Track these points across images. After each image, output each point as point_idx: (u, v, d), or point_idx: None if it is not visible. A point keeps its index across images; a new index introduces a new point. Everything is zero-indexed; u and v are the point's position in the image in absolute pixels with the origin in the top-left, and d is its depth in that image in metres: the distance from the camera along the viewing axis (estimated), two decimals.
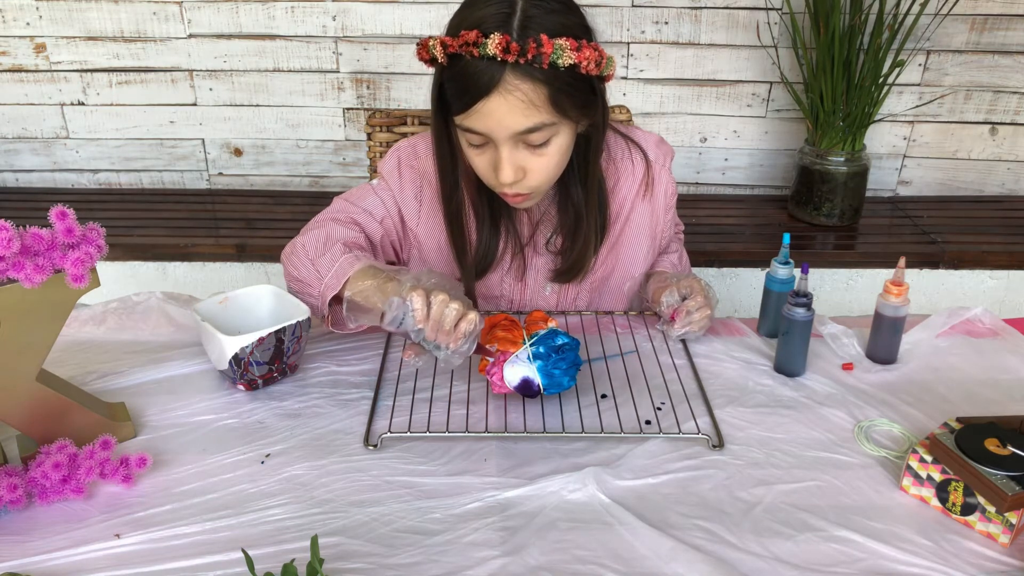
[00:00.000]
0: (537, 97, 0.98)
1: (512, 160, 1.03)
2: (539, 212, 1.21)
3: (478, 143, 1.04)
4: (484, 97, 0.97)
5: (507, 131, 1.00)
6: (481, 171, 1.08)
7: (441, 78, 1.02)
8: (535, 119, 0.99)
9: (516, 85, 0.97)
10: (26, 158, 2.51)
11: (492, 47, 0.94)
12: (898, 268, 1.10)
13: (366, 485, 0.89)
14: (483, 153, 1.05)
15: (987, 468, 0.83)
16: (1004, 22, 2.32)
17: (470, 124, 1.01)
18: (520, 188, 1.06)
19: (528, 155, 1.03)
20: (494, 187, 1.09)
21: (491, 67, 0.96)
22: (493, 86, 0.96)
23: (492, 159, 1.04)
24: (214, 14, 2.33)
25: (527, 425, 0.99)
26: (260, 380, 1.04)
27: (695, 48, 2.37)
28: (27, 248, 0.83)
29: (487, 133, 1.01)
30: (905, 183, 2.55)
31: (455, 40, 0.96)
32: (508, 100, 0.97)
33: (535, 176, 1.05)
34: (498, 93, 0.97)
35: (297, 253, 1.11)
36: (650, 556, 0.80)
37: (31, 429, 0.90)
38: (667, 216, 1.28)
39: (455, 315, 0.92)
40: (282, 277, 1.13)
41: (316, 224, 1.16)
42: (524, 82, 0.97)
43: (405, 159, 1.21)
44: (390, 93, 2.43)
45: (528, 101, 0.97)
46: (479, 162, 1.07)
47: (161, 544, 0.81)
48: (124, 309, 1.23)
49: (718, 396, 1.05)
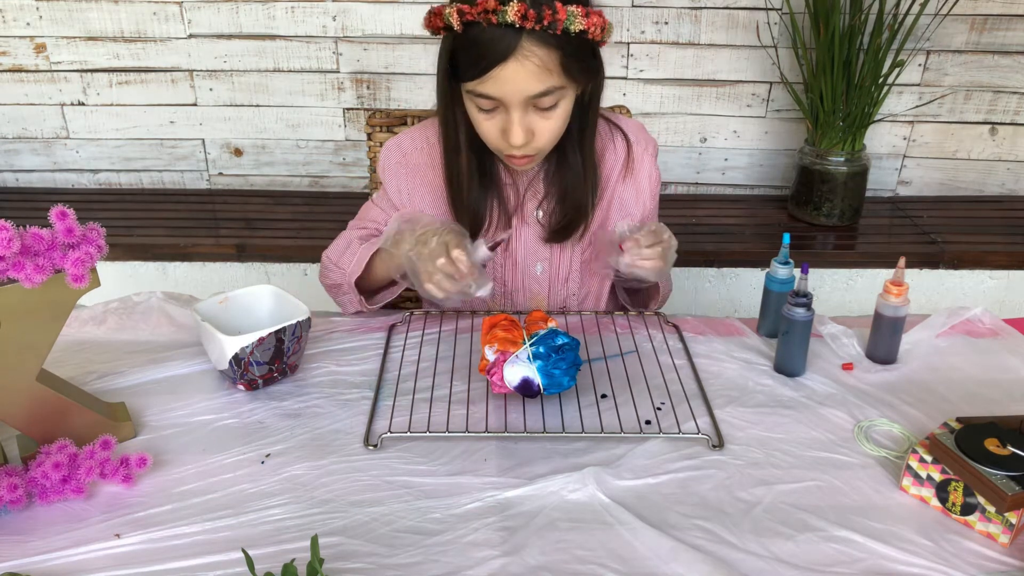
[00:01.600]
0: (551, 62, 1.01)
1: (523, 123, 1.06)
2: (526, 181, 1.23)
3: (488, 107, 1.07)
4: (501, 63, 1.00)
5: (521, 95, 1.03)
6: (489, 135, 1.11)
7: (453, 45, 1.04)
8: (548, 83, 1.03)
9: (532, 51, 1.00)
10: (26, 158, 2.51)
11: (512, 14, 0.97)
12: (898, 268, 1.10)
13: (366, 485, 0.89)
14: (492, 118, 1.08)
15: (987, 468, 0.83)
16: (1004, 22, 2.32)
17: (484, 89, 1.04)
18: (528, 150, 1.10)
19: (537, 118, 1.07)
20: (500, 150, 1.12)
21: (508, 34, 0.99)
22: (510, 52, 1.00)
23: (501, 123, 1.08)
24: (214, 14, 2.33)
25: (527, 425, 0.99)
26: (260, 380, 1.04)
27: (695, 48, 2.37)
28: (27, 248, 0.83)
29: (500, 98, 1.04)
30: (905, 183, 2.55)
31: (473, 8, 0.98)
32: (524, 66, 1.01)
33: (542, 137, 1.09)
34: (515, 59, 1.00)
35: (326, 265, 1.26)
36: (650, 556, 0.80)
37: (31, 429, 0.90)
38: (652, 203, 1.29)
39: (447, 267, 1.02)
40: (282, 277, 1.15)
41: (336, 241, 1.29)
42: (539, 48, 1.00)
43: (392, 158, 1.26)
44: (390, 93, 2.43)
45: (542, 66, 1.01)
46: (488, 127, 1.10)
47: (161, 544, 0.81)
48: (124, 309, 1.23)
49: (718, 396, 1.05)
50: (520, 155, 1.11)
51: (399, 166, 1.25)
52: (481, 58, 1.01)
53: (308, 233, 2.29)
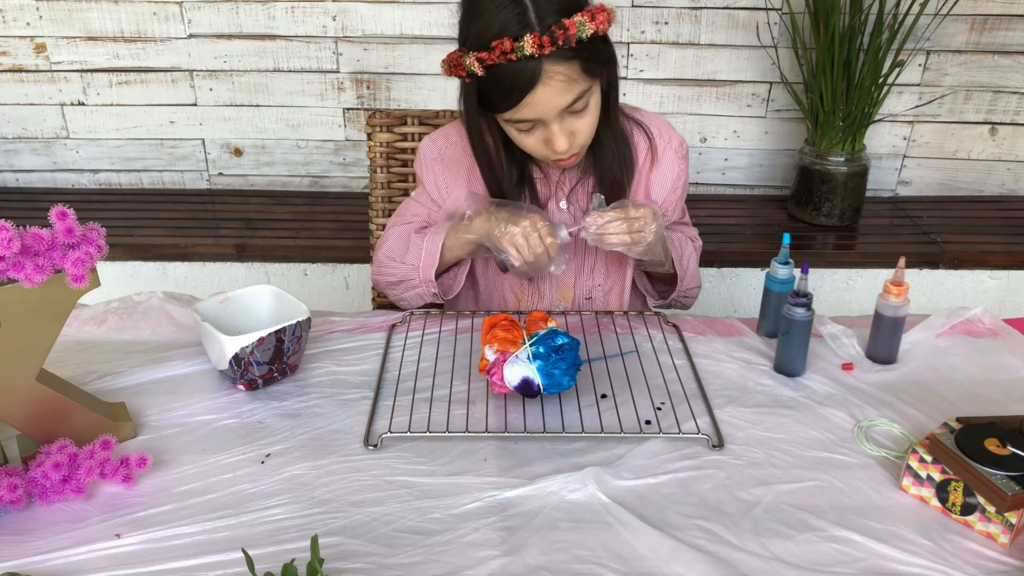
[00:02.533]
0: (573, 72, 1.06)
1: (563, 131, 1.12)
2: (557, 174, 1.27)
3: (527, 128, 1.13)
4: (530, 91, 1.05)
5: (555, 110, 1.08)
6: (533, 148, 1.16)
7: (479, 86, 1.09)
8: (576, 91, 1.08)
9: (555, 71, 1.05)
10: (26, 158, 2.51)
11: (529, 48, 1.01)
12: (898, 268, 1.10)
13: (366, 485, 0.89)
14: (532, 133, 1.14)
15: (987, 468, 0.83)
16: (1004, 22, 2.32)
17: (520, 116, 1.09)
18: (571, 150, 1.15)
19: (573, 120, 1.12)
20: (545, 158, 1.17)
21: (529, 64, 1.03)
22: (536, 79, 1.04)
23: (542, 136, 1.13)
24: (214, 14, 2.33)
25: (527, 425, 0.99)
26: (260, 380, 1.04)
27: (695, 48, 2.37)
28: (27, 248, 0.83)
29: (537, 118, 1.10)
30: (905, 183, 2.55)
31: (491, 53, 1.03)
32: (552, 85, 1.05)
33: (582, 135, 1.14)
34: (542, 83, 1.05)
35: (384, 264, 1.29)
36: (650, 556, 0.80)
37: (31, 429, 0.90)
38: (675, 199, 1.32)
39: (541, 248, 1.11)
40: (282, 277, 1.15)
41: (385, 239, 1.31)
42: (560, 65, 1.05)
43: (429, 154, 1.30)
44: (390, 93, 2.43)
45: (567, 79, 1.06)
46: (530, 142, 1.15)
47: (161, 544, 0.81)
48: (124, 309, 1.23)
49: (718, 396, 1.05)
50: (566, 156, 1.16)
51: (435, 161, 1.29)
52: (510, 91, 1.06)
53: (308, 233, 2.29)
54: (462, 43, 1.09)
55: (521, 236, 1.11)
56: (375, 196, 1.51)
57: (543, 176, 1.27)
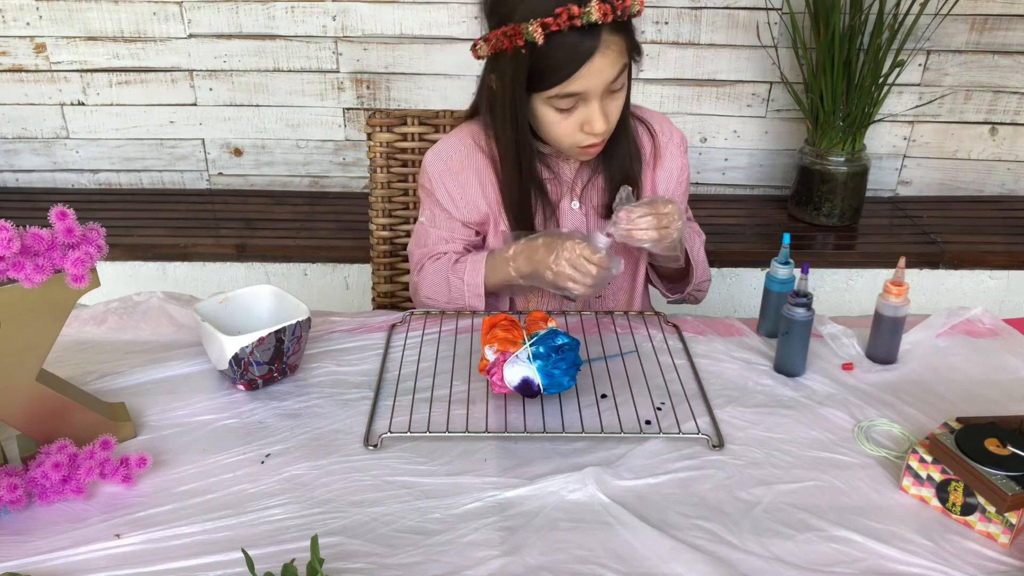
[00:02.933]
0: (622, 46, 1.10)
1: (602, 109, 1.13)
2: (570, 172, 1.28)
3: (568, 106, 1.13)
4: (588, 60, 1.07)
5: (603, 84, 1.10)
6: (565, 134, 1.16)
7: (531, 59, 1.09)
8: (620, 65, 1.11)
9: (611, 40, 1.08)
10: (26, 158, 2.50)
11: (595, 14, 1.04)
12: (898, 268, 1.10)
13: (366, 485, 0.89)
14: (569, 116, 1.14)
15: (987, 468, 0.83)
16: (1004, 22, 2.32)
17: (571, 89, 1.10)
18: (604, 134, 1.16)
19: (609, 101, 1.14)
20: (576, 144, 1.17)
21: (590, 32, 1.06)
22: (595, 49, 1.07)
23: (580, 118, 1.14)
24: (214, 14, 2.33)
25: (527, 425, 0.99)
26: (260, 380, 1.04)
27: (695, 48, 2.37)
28: (27, 248, 0.83)
29: (585, 92, 1.11)
30: (905, 183, 2.55)
31: (556, 19, 1.04)
32: (607, 56, 1.08)
33: (613, 117, 1.16)
34: (600, 53, 1.07)
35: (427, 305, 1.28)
36: (650, 556, 0.80)
37: (31, 429, 0.90)
38: (679, 191, 1.33)
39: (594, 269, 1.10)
40: (282, 277, 1.15)
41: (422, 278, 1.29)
42: (614, 35, 1.08)
43: (435, 168, 1.28)
44: (390, 93, 2.43)
45: (618, 52, 1.10)
46: (565, 127, 1.15)
47: (161, 544, 0.81)
48: (124, 309, 1.23)
49: (718, 396, 1.05)
50: (598, 142, 1.17)
51: (444, 174, 1.27)
52: (569, 61, 1.07)
53: (308, 233, 2.29)
54: (505, 19, 1.09)
55: (570, 267, 1.10)
56: (375, 196, 1.51)
57: (553, 176, 1.27)
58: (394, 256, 1.55)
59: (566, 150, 1.21)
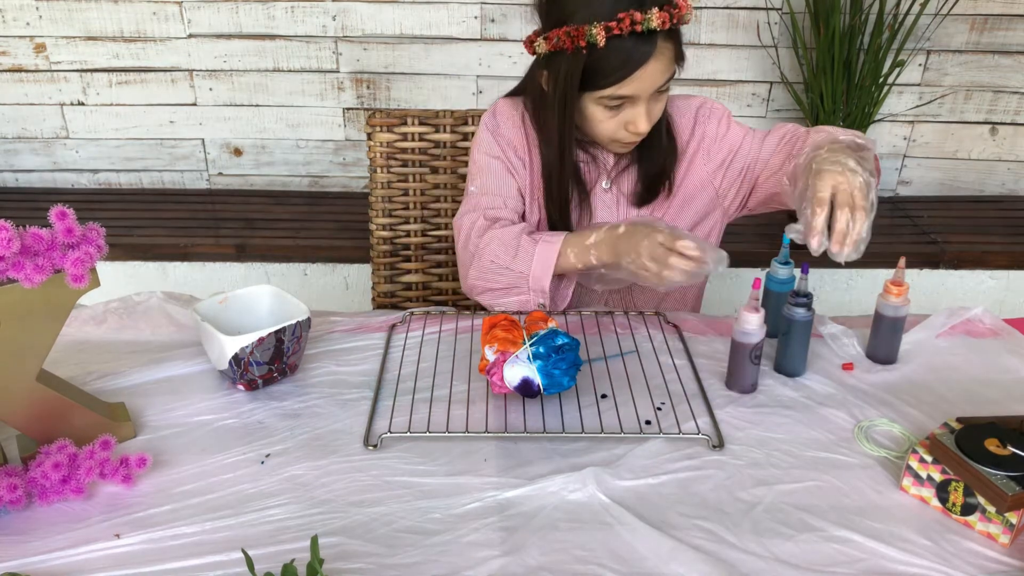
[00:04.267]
0: (673, 52, 1.14)
1: (648, 111, 1.17)
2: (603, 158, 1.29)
3: (616, 105, 1.16)
4: (643, 65, 1.11)
5: (654, 87, 1.14)
6: (609, 131, 1.19)
7: (588, 59, 1.11)
8: (670, 71, 1.15)
9: (666, 47, 1.12)
10: (26, 158, 2.51)
11: (655, 22, 1.08)
12: (898, 268, 1.10)
13: (366, 485, 0.89)
14: (615, 115, 1.17)
15: (987, 468, 0.83)
16: (1004, 22, 2.32)
17: (622, 91, 1.13)
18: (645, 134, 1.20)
19: (654, 103, 1.18)
20: (618, 140, 1.21)
21: (648, 38, 1.10)
22: (651, 54, 1.10)
23: (626, 117, 1.17)
24: (214, 14, 2.33)
25: (527, 425, 0.99)
26: (260, 380, 1.04)
27: (695, 48, 2.37)
28: (27, 248, 0.83)
29: (635, 94, 1.14)
30: (905, 183, 2.55)
31: (619, 23, 1.08)
32: (661, 62, 1.12)
33: (656, 116, 1.20)
34: (654, 58, 1.11)
35: (487, 269, 1.21)
36: (650, 556, 0.80)
37: (31, 429, 0.90)
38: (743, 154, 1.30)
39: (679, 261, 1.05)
40: (282, 277, 1.14)
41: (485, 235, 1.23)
42: (668, 43, 1.12)
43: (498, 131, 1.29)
44: (390, 93, 2.43)
45: (670, 58, 1.14)
46: (610, 125, 1.18)
47: (161, 544, 0.81)
48: (124, 309, 1.23)
49: (718, 396, 1.05)
50: (638, 140, 1.20)
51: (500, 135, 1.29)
52: (625, 64, 1.10)
53: (308, 233, 2.29)
54: (565, 19, 1.11)
55: (647, 258, 1.07)
56: (375, 196, 1.51)
57: (591, 159, 1.29)
58: (394, 256, 1.55)
59: (604, 144, 1.25)
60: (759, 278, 1.06)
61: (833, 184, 1.00)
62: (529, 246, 1.19)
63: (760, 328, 1.02)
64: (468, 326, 1.19)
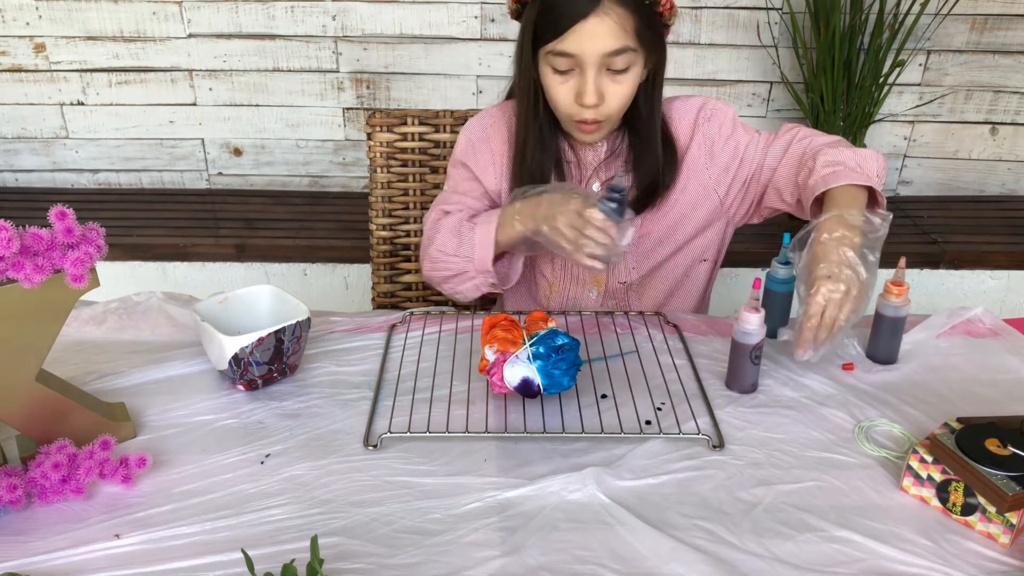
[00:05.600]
0: (627, 23, 1.10)
1: (596, 83, 1.13)
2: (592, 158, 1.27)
3: (565, 68, 1.13)
4: (583, 19, 1.08)
5: (598, 52, 1.10)
6: (562, 101, 1.16)
7: (537, 13, 1.12)
8: (623, 41, 1.10)
9: (612, 8, 1.08)
10: (26, 158, 2.51)
11: None
12: (898, 268, 1.10)
13: (366, 485, 0.89)
14: (566, 81, 1.14)
15: (987, 468, 0.83)
16: (1004, 22, 2.32)
17: (564, 47, 1.11)
18: (597, 114, 1.15)
19: (608, 81, 1.14)
20: (572, 116, 1.17)
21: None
22: (592, 9, 1.08)
23: (575, 87, 1.14)
24: (214, 14, 2.33)
25: (527, 425, 0.99)
26: (260, 380, 1.04)
27: (695, 48, 2.37)
28: (27, 248, 0.83)
29: (579, 54, 1.11)
30: (905, 183, 2.55)
31: None
32: (604, 22, 1.08)
33: (612, 102, 1.15)
34: (595, 15, 1.08)
35: (437, 259, 1.23)
36: (650, 556, 0.80)
37: (31, 429, 0.90)
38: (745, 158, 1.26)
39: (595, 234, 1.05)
40: (282, 277, 1.14)
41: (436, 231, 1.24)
42: (617, 7, 1.09)
43: (475, 137, 1.30)
44: (390, 93, 2.43)
45: (619, 24, 1.09)
46: (561, 91, 1.15)
47: (161, 544, 0.81)
48: (124, 309, 1.23)
49: (718, 396, 1.05)
50: (591, 119, 1.16)
51: (477, 139, 1.29)
52: (564, 15, 1.09)
53: (308, 233, 2.29)
54: None
55: (564, 225, 1.07)
56: (375, 196, 1.51)
57: (576, 160, 1.27)
58: (394, 256, 1.55)
59: (565, 122, 1.20)
60: (759, 278, 1.06)
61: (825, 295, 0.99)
62: (468, 231, 1.20)
63: (760, 328, 1.02)
64: (468, 326, 1.19)
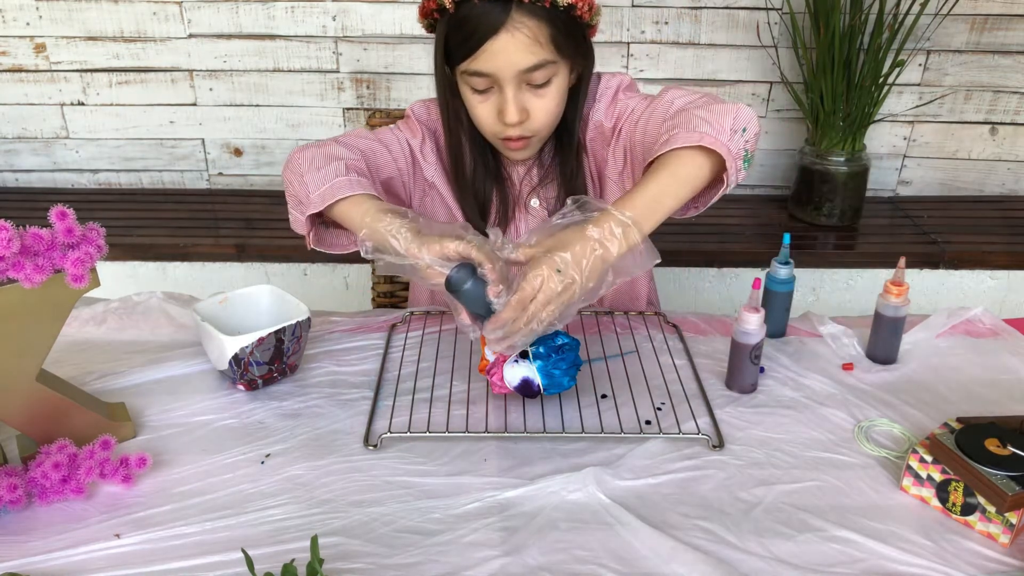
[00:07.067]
0: (541, 34, 1.03)
1: (517, 100, 1.08)
2: (522, 172, 1.24)
3: (483, 87, 1.08)
4: (493, 36, 1.02)
5: (514, 68, 1.04)
6: (485, 120, 1.12)
7: (446, 29, 1.06)
8: (539, 56, 1.04)
9: (522, 22, 1.02)
10: (26, 158, 2.50)
11: None
12: (898, 268, 1.10)
13: (366, 485, 0.89)
14: (486, 100, 1.10)
15: (987, 468, 0.83)
16: (1004, 22, 2.32)
17: (477, 66, 1.05)
18: (523, 131, 1.11)
19: (531, 96, 1.09)
20: (496, 134, 1.13)
21: (497, 7, 1.01)
22: (501, 24, 1.02)
23: (496, 105, 1.09)
24: (214, 14, 2.33)
25: (527, 425, 0.99)
26: (260, 380, 1.04)
27: (695, 48, 2.37)
28: (27, 248, 0.83)
29: (494, 73, 1.05)
30: (905, 183, 2.55)
31: None
32: (516, 37, 1.02)
33: (538, 117, 1.10)
34: (506, 31, 1.02)
35: (294, 165, 1.08)
36: (650, 556, 0.80)
37: (31, 429, 0.90)
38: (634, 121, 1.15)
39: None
40: (282, 277, 1.14)
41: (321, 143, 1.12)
42: (529, 19, 1.02)
43: (418, 114, 1.24)
44: (390, 93, 2.42)
45: (533, 38, 1.03)
46: (483, 110, 1.11)
47: (161, 544, 0.81)
48: (124, 309, 1.23)
49: (718, 396, 1.05)
50: (516, 136, 1.11)
51: (421, 123, 1.23)
52: (473, 33, 1.03)
53: None
54: None
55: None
56: None
57: (508, 177, 1.24)
58: None
59: (491, 140, 1.16)
60: (759, 278, 1.06)
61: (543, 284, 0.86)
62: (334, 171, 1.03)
63: (760, 328, 1.02)
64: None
